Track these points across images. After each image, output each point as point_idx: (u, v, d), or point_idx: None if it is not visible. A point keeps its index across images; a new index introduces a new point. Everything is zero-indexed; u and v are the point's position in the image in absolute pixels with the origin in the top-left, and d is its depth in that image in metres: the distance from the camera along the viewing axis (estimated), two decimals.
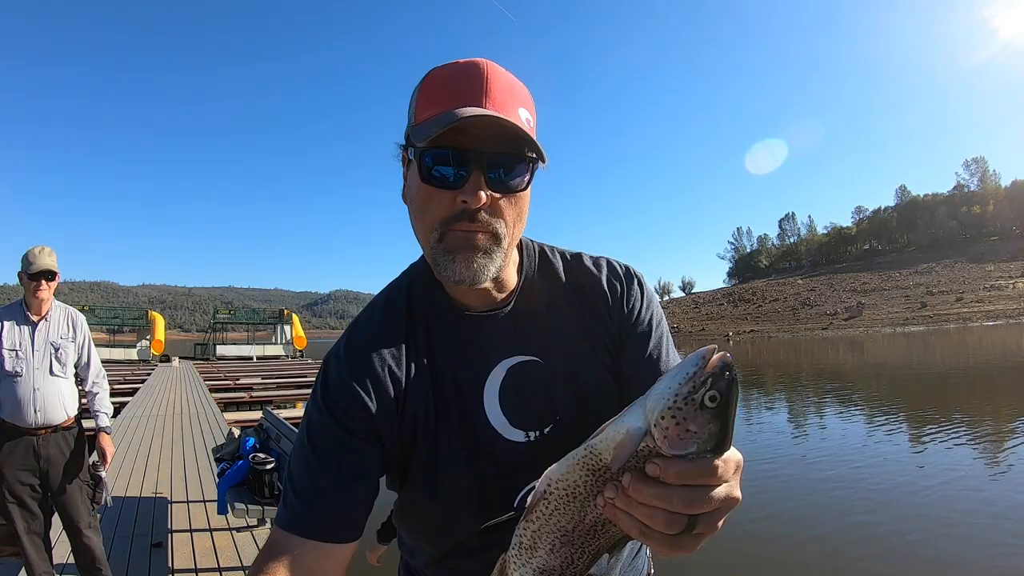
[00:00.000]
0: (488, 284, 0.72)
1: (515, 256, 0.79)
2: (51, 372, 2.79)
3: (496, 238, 0.68)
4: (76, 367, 2.95)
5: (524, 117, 0.68)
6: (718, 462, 0.41)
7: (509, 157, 0.66)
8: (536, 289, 0.80)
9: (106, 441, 2.98)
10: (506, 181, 0.67)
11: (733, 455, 0.44)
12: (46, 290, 2.81)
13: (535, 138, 0.66)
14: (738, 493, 0.44)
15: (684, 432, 0.41)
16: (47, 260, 2.78)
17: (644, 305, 0.81)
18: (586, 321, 0.80)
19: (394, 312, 0.78)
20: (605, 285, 0.82)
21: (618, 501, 0.43)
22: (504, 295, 0.78)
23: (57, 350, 2.83)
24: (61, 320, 2.90)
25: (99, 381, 3.03)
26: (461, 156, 0.65)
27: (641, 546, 0.90)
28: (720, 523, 0.46)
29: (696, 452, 0.41)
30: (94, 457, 3.05)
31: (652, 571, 0.95)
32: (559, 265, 0.83)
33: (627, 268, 0.84)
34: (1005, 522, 5.16)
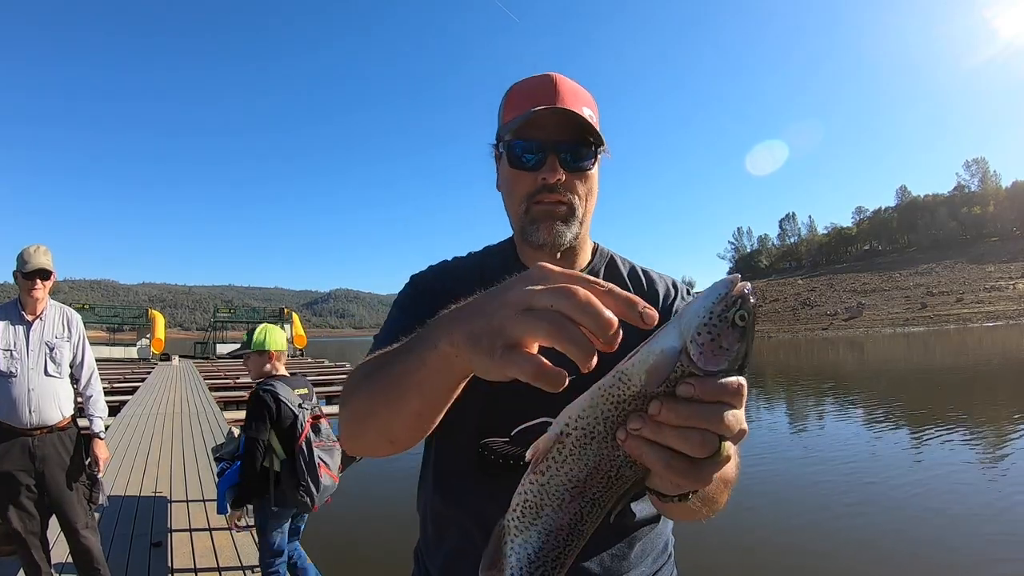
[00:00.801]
0: (560, 256, 0.87)
1: (589, 246, 0.96)
2: (46, 372, 2.76)
3: (571, 209, 0.84)
4: (71, 366, 2.93)
5: (587, 113, 0.84)
6: (743, 381, 0.42)
7: (577, 144, 0.83)
8: (603, 276, 0.92)
9: (100, 448, 2.97)
10: (575, 162, 0.83)
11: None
12: (41, 289, 2.79)
13: (598, 132, 0.84)
14: (746, 424, 0.44)
15: (718, 348, 0.41)
16: (42, 259, 2.76)
17: None
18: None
19: (469, 261, 0.98)
20: (660, 292, 0.94)
21: (645, 431, 0.41)
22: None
23: (52, 350, 2.80)
24: (56, 319, 2.87)
25: (92, 382, 3.00)
26: (539, 145, 0.83)
27: (662, 566, 0.91)
28: (734, 456, 0.47)
29: (727, 370, 0.41)
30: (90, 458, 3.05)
31: None
32: (624, 269, 0.97)
33: (686, 286, 0.98)
34: (995, 517, 5.16)
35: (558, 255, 0.86)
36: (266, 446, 2.80)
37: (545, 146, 0.82)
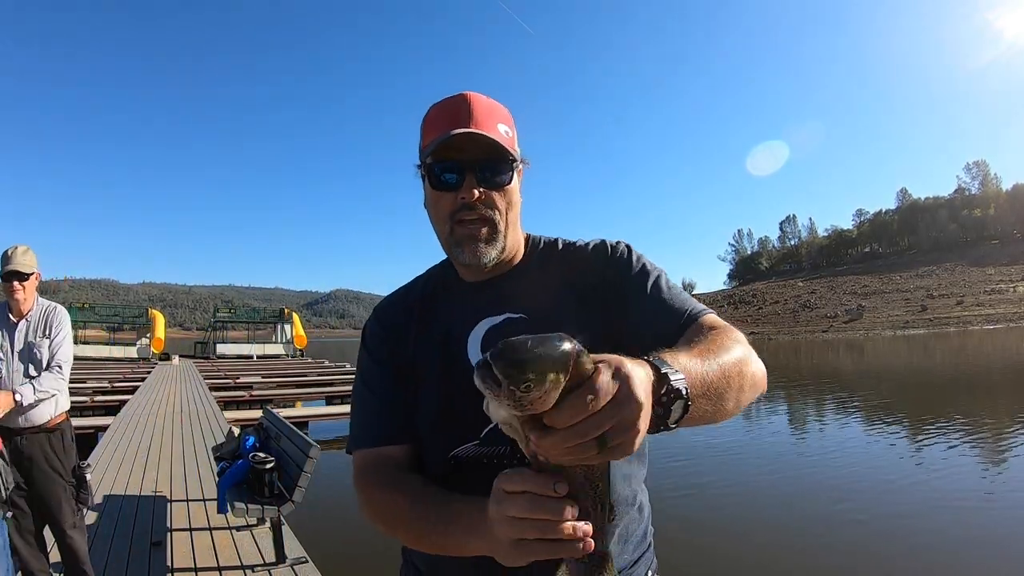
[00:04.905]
0: (487, 270, 0.92)
1: (520, 242, 0.98)
2: (26, 373, 2.74)
3: (494, 225, 0.88)
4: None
5: (503, 130, 0.88)
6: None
7: (493, 162, 0.87)
8: (535, 266, 0.97)
9: (4, 396, 2.66)
10: (492, 179, 0.87)
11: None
12: (20, 291, 2.78)
13: (513, 146, 0.88)
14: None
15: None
16: (19, 259, 2.75)
17: (634, 258, 0.94)
18: (579, 287, 0.92)
19: (410, 289, 1.03)
20: (594, 251, 0.97)
21: (548, 450, 0.51)
22: (505, 271, 0.96)
23: (32, 350, 2.79)
24: (39, 319, 2.86)
25: (53, 372, 2.79)
26: (456, 165, 0.86)
27: (643, 554, 0.93)
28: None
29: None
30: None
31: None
32: (560, 246, 1.00)
33: (618, 241, 0.98)
34: (994, 519, 5.16)
35: (486, 269, 0.92)
36: None
37: (463, 166, 0.86)
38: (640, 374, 0.53)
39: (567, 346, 0.48)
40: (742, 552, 4.86)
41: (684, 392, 0.59)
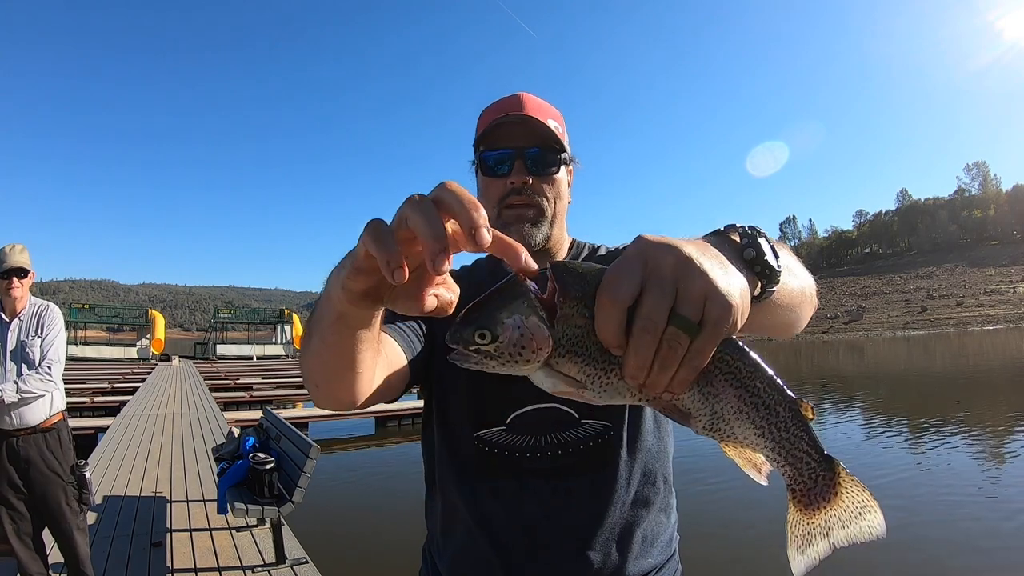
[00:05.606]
0: (539, 245, 0.94)
1: (565, 240, 1.02)
2: (20, 373, 2.72)
3: (541, 211, 0.92)
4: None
5: (552, 125, 0.93)
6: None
7: (541, 150, 0.92)
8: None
9: None
10: (541, 168, 0.92)
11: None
12: (19, 287, 2.78)
13: (563, 141, 0.93)
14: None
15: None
16: (17, 257, 2.76)
17: None
18: None
19: (459, 274, 1.02)
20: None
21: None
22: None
23: (25, 350, 2.78)
24: (31, 318, 2.85)
25: (40, 372, 2.76)
26: (507, 153, 0.92)
27: (667, 560, 0.94)
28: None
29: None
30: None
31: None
32: (603, 252, 1.03)
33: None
34: (994, 521, 5.16)
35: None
36: None
37: (512, 153, 0.91)
38: (664, 238, 0.44)
39: (517, 278, 0.41)
40: (743, 554, 4.87)
41: (757, 227, 0.53)
